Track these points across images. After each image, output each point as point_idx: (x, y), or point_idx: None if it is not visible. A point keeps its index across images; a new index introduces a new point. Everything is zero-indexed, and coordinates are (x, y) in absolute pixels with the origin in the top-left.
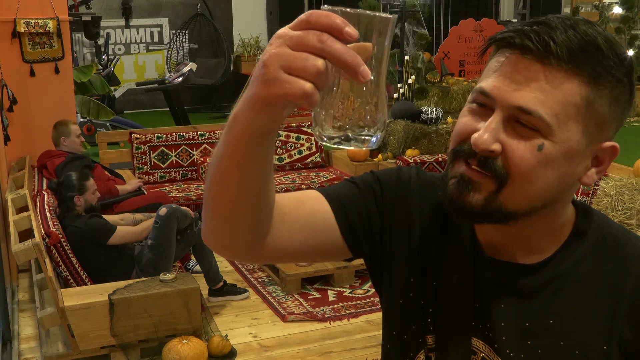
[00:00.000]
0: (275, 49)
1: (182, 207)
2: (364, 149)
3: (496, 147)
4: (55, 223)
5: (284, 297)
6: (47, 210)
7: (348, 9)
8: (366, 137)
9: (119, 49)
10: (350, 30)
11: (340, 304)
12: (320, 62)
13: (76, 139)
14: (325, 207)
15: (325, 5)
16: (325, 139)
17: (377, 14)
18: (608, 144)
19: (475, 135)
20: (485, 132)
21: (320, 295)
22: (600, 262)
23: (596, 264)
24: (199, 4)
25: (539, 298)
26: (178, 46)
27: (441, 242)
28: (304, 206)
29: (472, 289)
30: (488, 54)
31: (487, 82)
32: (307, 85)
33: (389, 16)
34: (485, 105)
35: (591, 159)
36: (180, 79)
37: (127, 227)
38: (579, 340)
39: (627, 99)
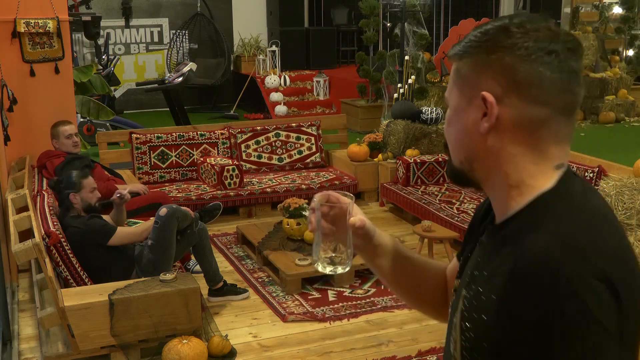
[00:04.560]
0: None
1: (182, 207)
2: (333, 272)
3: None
4: (55, 223)
5: (284, 297)
6: (47, 210)
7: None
8: (330, 267)
9: (119, 49)
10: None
11: (340, 304)
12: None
13: (66, 140)
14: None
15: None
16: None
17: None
18: (480, 95)
19: None
20: None
21: (320, 295)
22: (521, 236)
23: (518, 237)
24: (199, 4)
25: (488, 254)
26: (178, 46)
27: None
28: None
29: (474, 248)
30: None
31: None
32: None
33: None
34: None
35: (481, 114)
36: (180, 79)
37: (127, 228)
38: (487, 293)
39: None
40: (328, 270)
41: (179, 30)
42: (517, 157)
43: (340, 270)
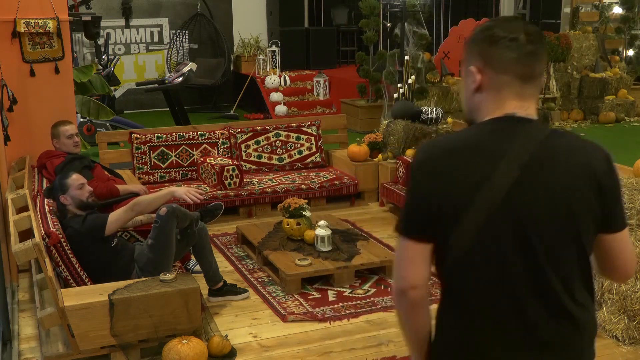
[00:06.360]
0: None
1: (182, 207)
2: None
3: None
4: (55, 223)
5: (284, 297)
6: (47, 210)
7: None
8: None
9: (119, 49)
10: None
11: (340, 304)
12: None
13: (66, 140)
14: None
15: None
16: None
17: None
18: (469, 69)
19: None
20: None
21: (320, 295)
22: None
23: None
24: (199, 4)
25: None
26: (178, 46)
27: None
28: None
29: None
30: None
31: None
32: None
33: None
34: None
35: (472, 80)
36: (180, 79)
37: (117, 210)
38: None
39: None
40: None
41: (179, 30)
42: (489, 109)
43: None
